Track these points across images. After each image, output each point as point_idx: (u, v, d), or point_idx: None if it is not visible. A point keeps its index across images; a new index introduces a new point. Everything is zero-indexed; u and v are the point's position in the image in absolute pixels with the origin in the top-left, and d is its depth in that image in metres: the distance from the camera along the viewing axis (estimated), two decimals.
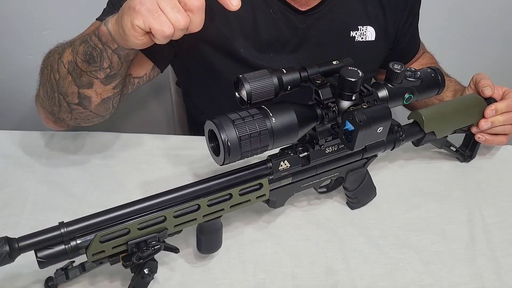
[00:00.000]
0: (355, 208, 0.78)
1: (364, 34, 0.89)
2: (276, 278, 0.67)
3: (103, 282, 0.64)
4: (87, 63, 0.65)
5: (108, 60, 0.65)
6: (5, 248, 0.50)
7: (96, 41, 0.64)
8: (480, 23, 1.42)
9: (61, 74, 0.67)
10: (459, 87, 0.97)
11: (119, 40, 0.61)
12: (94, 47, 0.64)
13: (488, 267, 0.71)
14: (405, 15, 0.93)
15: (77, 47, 0.65)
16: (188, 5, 0.56)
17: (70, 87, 0.67)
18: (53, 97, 0.70)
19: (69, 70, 0.66)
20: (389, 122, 0.59)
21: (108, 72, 0.66)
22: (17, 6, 1.19)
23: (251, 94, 0.55)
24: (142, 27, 0.56)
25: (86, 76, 0.66)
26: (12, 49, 1.25)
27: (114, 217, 0.55)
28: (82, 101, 0.69)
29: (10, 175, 0.77)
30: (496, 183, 0.85)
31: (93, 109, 0.71)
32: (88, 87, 0.67)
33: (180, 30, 0.56)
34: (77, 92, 0.68)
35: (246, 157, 0.56)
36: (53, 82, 0.68)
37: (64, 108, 0.70)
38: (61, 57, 0.67)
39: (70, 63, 0.66)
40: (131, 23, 0.57)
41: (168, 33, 0.56)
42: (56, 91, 0.69)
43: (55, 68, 0.68)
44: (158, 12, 0.55)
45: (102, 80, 0.67)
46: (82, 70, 0.66)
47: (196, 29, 0.58)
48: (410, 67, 0.66)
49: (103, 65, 0.65)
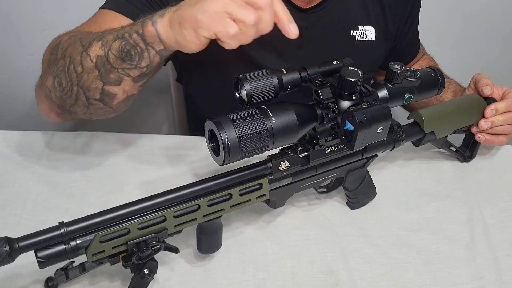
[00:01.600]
0: (355, 208, 0.78)
1: (365, 34, 0.89)
2: (276, 278, 0.67)
3: (103, 282, 0.64)
4: (121, 60, 0.62)
5: (148, 60, 0.62)
6: (5, 248, 0.50)
7: (138, 40, 0.61)
8: (480, 23, 1.42)
9: (85, 68, 0.63)
10: (459, 88, 0.97)
11: (170, 43, 0.59)
12: (134, 46, 0.61)
13: (488, 267, 0.71)
14: (405, 15, 0.93)
15: (111, 42, 0.62)
16: (257, 2, 0.54)
17: (95, 82, 0.64)
18: (70, 90, 0.66)
19: (97, 65, 0.63)
20: (389, 122, 0.59)
21: (144, 71, 0.63)
22: (17, 6, 1.19)
23: (251, 94, 0.55)
24: (207, 36, 0.55)
25: (116, 73, 0.63)
26: (12, 49, 1.25)
27: (114, 217, 0.55)
28: (104, 97, 0.66)
29: (10, 175, 0.77)
30: (496, 183, 0.85)
31: (114, 106, 0.68)
32: (116, 84, 0.64)
33: (251, 26, 0.54)
34: (101, 88, 0.64)
35: (246, 157, 0.56)
36: (73, 75, 0.64)
37: (81, 102, 0.67)
38: (87, 49, 0.63)
39: (99, 58, 0.62)
40: (195, 32, 0.55)
41: (233, 32, 0.53)
42: (76, 84, 0.65)
43: (77, 60, 0.64)
44: (223, 15, 0.53)
45: (134, 78, 0.64)
46: (113, 66, 0.62)
47: (267, 28, 0.56)
48: (410, 67, 0.66)
49: (141, 64, 0.62)
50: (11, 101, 1.35)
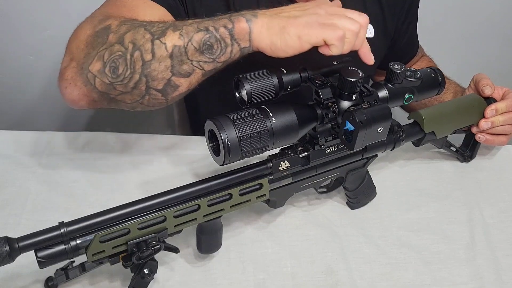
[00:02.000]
0: (355, 208, 0.78)
1: None
2: (276, 278, 0.67)
3: (103, 282, 0.64)
4: (200, 52, 0.61)
5: (229, 55, 0.62)
6: (5, 248, 0.50)
7: (225, 34, 0.61)
8: (480, 23, 1.42)
9: (156, 56, 0.61)
10: (459, 89, 0.97)
11: (260, 43, 0.61)
12: (219, 40, 0.61)
13: (488, 267, 0.71)
14: (403, 14, 0.93)
15: (192, 33, 0.61)
16: (358, 19, 0.61)
17: (164, 72, 0.62)
18: (130, 78, 0.62)
19: (172, 55, 0.61)
20: (389, 122, 0.59)
21: (219, 66, 0.63)
22: (17, 6, 1.19)
23: (251, 94, 0.55)
24: (314, 42, 0.59)
25: (189, 65, 0.62)
26: (12, 49, 1.25)
27: (114, 217, 0.55)
28: (167, 88, 0.64)
29: (10, 175, 0.77)
30: (496, 183, 0.85)
31: (171, 98, 0.65)
32: (185, 76, 0.63)
33: (355, 34, 0.60)
34: (168, 79, 0.63)
35: (246, 157, 0.56)
36: (137, 62, 0.61)
37: (138, 91, 0.63)
38: (160, 38, 0.61)
39: (177, 48, 0.61)
40: (300, 40, 0.59)
41: (341, 34, 0.59)
42: (139, 73, 0.62)
43: (147, 47, 0.61)
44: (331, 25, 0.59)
45: (206, 72, 0.64)
46: (188, 58, 0.62)
47: (360, 44, 0.63)
48: (410, 67, 0.66)
49: (220, 59, 0.62)
50: (11, 101, 1.35)
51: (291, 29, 0.59)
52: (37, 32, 1.22)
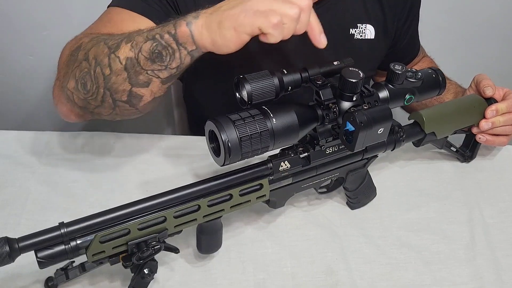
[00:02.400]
0: (355, 208, 0.78)
1: (363, 32, 0.89)
2: (276, 278, 0.67)
3: (103, 282, 0.64)
4: (151, 61, 0.62)
5: (179, 60, 0.63)
6: (5, 248, 0.50)
7: (170, 40, 0.61)
8: (480, 23, 1.42)
9: (113, 70, 0.63)
10: (459, 89, 0.97)
11: (205, 44, 0.60)
12: (166, 46, 0.61)
13: (488, 267, 0.71)
14: (404, 15, 0.93)
15: (141, 44, 0.62)
16: (298, 3, 0.56)
17: (123, 84, 0.64)
18: (96, 92, 0.65)
19: (127, 67, 0.63)
20: (390, 123, 0.59)
21: (174, 72, 0.64)
22: (17, 6, 1.19)
23: (251, 95, 0.55)
24: (250, 32, 0.57)
25: (145, 75, 0.63)
26: (12, 49, 1.25)
27: (114, 218, 0.55)
28: (132, 99, 0.66)
29: (10, 175, 0.77)
30: (496, 183, 0.85)
31: (140, 107, 0.68)
32: (144, 86, 0.64)
33: (294, 20, 0.56)
34: (129, 90, 0.65)
35: (247, 158, 0.56)
36: (99, 77, 0.64)
37: (107, 104, 0.66)
38: (115, 52, 0.63)
39: (129, 60, 0.62)
40: (236, 31, 0.57)
41: (276, 21, 0.55)
42: (103, 87, 0.64)
43: (104, 62, 0.63)
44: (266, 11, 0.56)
45: (163, 80, 0.65)
46: (142, 68, 0.63)
47: (302, 29, 0.59)
48: (411, 68, 0.66)
49: (171, 65, 0.63)
50: (11, 101, 1.34)
51: (226, 22, 0.57)
52: (37, 32, 1.22)
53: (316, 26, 0.60)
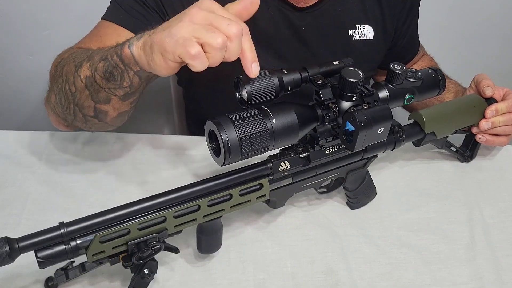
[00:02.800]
0: (355, 208, 0.78)
1: (362, 33, 0.89)
2: (276, 278, 0.67)
3: (103, 282, 0.64)
4: (106, 80, 0.63)
5: (129, 80, 0.63)
6: (5, 248, 0.50)
7: (118, 61, 0.61)
8: (480, 23, 1.42)
9: (77, 88, 0.66)
10: (459, 88, 0.97)
11: (144, 65, 0.59)
12: (115, 67, 0.62)
13: (488, 267, 0.71)
14: (403, 14, 0.93)
15: (96, 63, 0.63)
16: (226, 31, 0.52)
17: (87, 101, 0.66)
18: (68, 108, 0.69)
19: (87, 85, 0.65)
20: (390, 123, 0.59)
21: (128, 90, 0.65)
22: (17, 6, 1.19)
23: (251, 95, 0.55)
24: (172, 59, 0.53)
25: (104, 93, 0.65)
26: (12, 49, 1.25)
27: (114, 218, 0.55)
28: (98, 114, 0.68)
29: (10, 175, 0.77)
30: (496, 183, 0.85)
31: (109, 121, 0.70)
32: (106, 102, 0.66)
33: (218, 50, 0.51)
34: (93, 107, 0.67)
35: (247, 158, 0.56)
36: (69, 94, 0.67)
37: (79, 118, 0.70)
38: (77, 70, 0.66)
39: (87, 78, 0.64)
40: (163, 56, 0.54)
41: (194, 52, 0.50)
42: (72, 103, 0.68)
43: (71, 80, 0.66)
44: (189, 39, 0.51)
45: (121, 97, 0.66)
46: (100, 86, 0.64)
47: (232, 57, 0.54)
48: (411, 68, 0.66)
49: (123, 84, 0.64)
50: (11, 101, 1.34)
51: (155, 46, 0.54)
52: (37, 32, 1.22)
53: (249, 54, 0.54)
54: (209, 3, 0.54)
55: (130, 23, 0.76)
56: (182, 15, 0.53)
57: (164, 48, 0.53)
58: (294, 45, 0.86)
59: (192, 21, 0.52)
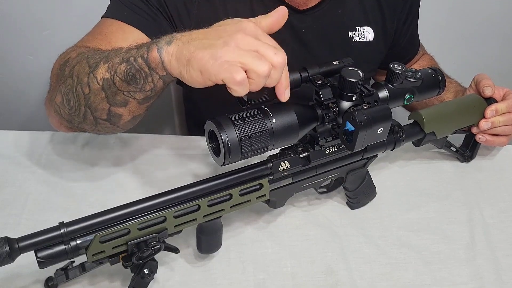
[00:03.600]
0: (355, 208, 0.78)
1: (362, 35, 0.89)
2: (276, 278, 0.67)
3: (103, 282, 0.64)
4: (126, 83, 0.62)
5: (152, 84, 0.61)
6: (5, 248, 0.50)
7: (143, 64, 0.60)
8: (480, 23, 1.42)
9: (92, 89, 0.64)
10: (460, 88, 0.97)
11: (173, 73, 0.58)
12: (139, 70, 0.60)
13: (488, 267, 0.71)
14: (404, 15, 0.93)
15: (116, 65, 0.62)
16: (272, 60, 0.52)
17: (101, 103, 0.64)
18: (78, 109, 0.67)
19: (104, 87, 0.63)
20: (390, 123, 0.59)
21: (149, 94, 0.63)
22: (17, 6, 1.19)
23: (251, 95, 0.55)
24: (214, 81, 0.53)
25: (122, 95, 0.63)
26: (12, 49, 1.25)
27: (114, 217, 0.55)
28: (111, 118, 0.67)
29: (10, 175, 0.77)
30: (496, 183, 0.85)
31: (121, 125, 0.69)
32: (122, 105, 0.65)
33: (263, 77, 0.52)
34: (108, 109, 0.65)
35: (247, 158, 0.56)
36: (81, 95, 0.65)
37: (89, 121, 0.68)
38: (93, 71, 0.63)
39: (105, 80, 0.62)
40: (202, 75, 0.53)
41: (239, 78, 0.51)
42: (83, 105, 0.65)
43: (84, 81, 0.64)
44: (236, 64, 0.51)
45: (139, 101, 0.64)
46: (119, 89, 0.62)
47: (273, 84, 0.54)
48: (410, 67, 0.66)
49: (145, 88, 0.62)
50: (11, 101, 1.35)
51: (194, 63, 0.53)
52: (37, 32, 1.22)
53: (284, 82, 0.55)
54: (254, 28, 0.54)
55: (135, 20, 0.75)
56: (227, 38, 0.53)
57: (207, 69, 0.52)
58: (294, 47, 0.86)
59: (238, 47, 0.52)
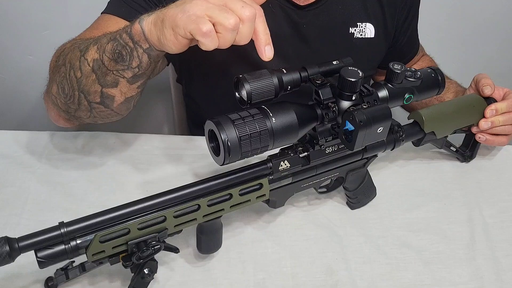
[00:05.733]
0: (355, 208, 0.78)
1: (363, 31, 0.89)
2: (276, 278, 0.67)
3: (103, 282, 0.64)
4: (114, 61, 0.62)
5: (138, 59, 0.62)
6: (5, 248, 0.50)
7: (127, 39, 0.61)
8: (480, 23, 1.42)
9: (83, 72, 0.64)
10: (460, 88, 0.97)
11: (154, 42, 0.59)
12: (124, 46, 0.61)
13: (488, 267, 0.71)
14: (404, 13, 0.93)
15: (104, 45, 0.63)
16: (239, 12, 0.52)
17: (93, 85, 0.65)
18: (72, 95, 0.67)
19: (94, 69, 0.64)
20: (389, 122, 0.59)
21: (136, 71, 0.64)
22: (17, 6, 1.19)
23: (251, 94, 0.55)
24: (183, 35, 0.54)
25: (112, 75, 0.64)
26: (12, 49, 1.25)
27: (114, 217, 0.55)
28: (104, 100, 0.67)
29: (10, 175, 0.77)
30: (496, 183, 0.85)
31: (115, 108, 0.69)
32: (113, 86, 0.65)
33: (230, 30, 0.52)
34: (100, 91, 0.66)
35: (246, 157, 0.56)
36: (73, 80, 0.66)
37: (84, 107, 0.68)
38: (84, 54, 0.64)
39: (95, 61, 0.63)
40: (173, 31, 0.54)
41: (205, 29, 0.51)
42: (77, 89, 0.66)
43: (76, 65, 0.65)
44: (202, 16, 0.52)
45: (129, 80, 0.65)
46: (108, 69, 0.63)
47: (243, 41, 0.55)
48: (410, 67, 0.66)
49: (132, 64, 0.63)
50: (11, 101, 1.35)
51: (166, 21, 0.55)
52: (37, 32, 1.22)
53: (262, 37, 0.55)
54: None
55: (133, 16, 0.75)
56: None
57: (176, 23, 0.53)
58: (295, 43, 0.86)
59: (207, 1, 0.53)
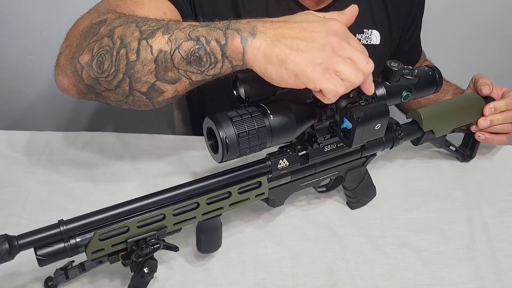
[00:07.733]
0: (355, 208, 0.78)
1: (369, 38, 0.89)
2: (276, 278, 0.67)
3: (103, 281, 0.64)
4: (187, 62, 0.56)
5: (219, 70, 0.57)
6: (4, 245, 0.50)
7: (216, 49, 0.55)
8: (480, 24, 1.42)
9: (141, 58, 0.56)
10: (458, 90, 0.97)
11: (256, 68, 0.54)
12: (209, 53, 0.55)
13: (488, 267, 0.70)
14: (409, 21, 0.94)
15: (180, 40, 0.55)
16: (363, 69, 0.54)
17: (147, 76, 0.57)
18: (113, 76, 0.58)
19: (157, 60, 0.56)
20: (387, 119, 0.59)
21: (209, 79, 0.58)
22: (17, 6, 1.19)
23: (249, 93, 0.55)
24: (310, 88, 0.53)
25: (175, 73, 0.57)
26: (12, 49, 1.26)
27: (114, 215, 0.55)
28: (151, 92, 0.59)
29: (10, 175, 0.77)
30: (496, 183, 0.85)
31: (157, 102, 0.61)
32: (171, 82, 0.58)
33: (353, 86, 0.54)
34: (152, 84, 0.58)
35: (245, 155, 0.56)
36: (122, 61, 0.57)
37: (122, 91, 0.59)
38: (147, 38, 0.56)
39: (162, 53, 0.56)
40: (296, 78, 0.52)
41: (341, 91, 0.53)
42: (123, 72, 0.58)
43: (133, 46, 0.57)
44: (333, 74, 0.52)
45: (193, 82, 0.59)
46: (175, 66, 0.56)
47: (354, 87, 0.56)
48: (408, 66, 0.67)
49: (208, 73, 0.57)
50: (11, 101, 1.35)
51: (291, 65, 0.52)
52: (36, 32, 1.23)
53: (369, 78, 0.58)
54: (344, 30, 0.55)
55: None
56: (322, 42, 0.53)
57: (306, 75, 0.52)
58: None
59: (335, 53, 0.53)
